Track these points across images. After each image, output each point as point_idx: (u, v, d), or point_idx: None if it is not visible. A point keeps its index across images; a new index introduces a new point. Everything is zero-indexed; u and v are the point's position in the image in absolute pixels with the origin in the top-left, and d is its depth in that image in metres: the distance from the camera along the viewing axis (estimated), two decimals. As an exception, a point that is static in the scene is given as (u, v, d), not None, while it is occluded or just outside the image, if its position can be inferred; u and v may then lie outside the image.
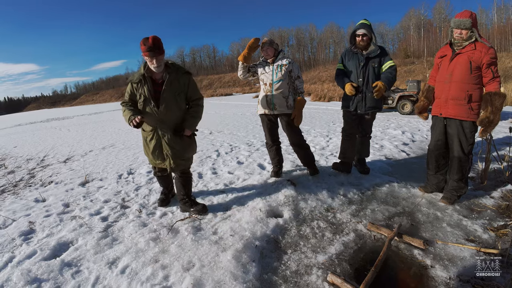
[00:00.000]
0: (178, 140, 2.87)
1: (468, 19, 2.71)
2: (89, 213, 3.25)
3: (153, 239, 2.58)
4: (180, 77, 2.81)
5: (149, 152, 2.96)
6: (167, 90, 2.74)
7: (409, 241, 2.39)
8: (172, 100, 2.78)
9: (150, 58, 2.61)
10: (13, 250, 2.61)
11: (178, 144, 2.87)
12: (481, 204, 2.96)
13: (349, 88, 3.41)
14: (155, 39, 2.57)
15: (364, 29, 3.35)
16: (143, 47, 2.57)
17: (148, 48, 2.55)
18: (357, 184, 3.59)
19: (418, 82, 11.31)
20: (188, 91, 2.89)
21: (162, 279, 2.09)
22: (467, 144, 2.91)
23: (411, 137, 6.25)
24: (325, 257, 2.27)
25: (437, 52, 3.09)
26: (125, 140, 8.46)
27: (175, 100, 2.80)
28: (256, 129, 8.55)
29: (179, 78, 2.81)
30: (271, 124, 3.66)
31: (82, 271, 2.25)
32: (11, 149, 9.11)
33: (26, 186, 4.62)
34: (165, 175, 3.31)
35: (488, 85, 2.74)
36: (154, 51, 2.57)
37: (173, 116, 2.83)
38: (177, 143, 2.87)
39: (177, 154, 2.90)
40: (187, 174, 3.14)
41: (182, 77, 2.83)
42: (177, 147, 2.87)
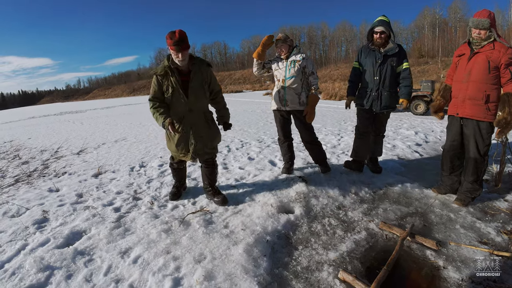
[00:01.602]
0: (206, 129, 2.96)
1: (487, 19, 2.64)
2: (102, 203, 3.30)
3: (165, 231, 2.60)
4: (203, 69, 2.90)
5: (173, 144, 2.97)
6: (195, 79, 2.82)
7: (422, 241, 2.36)
8: (199, 90, 2.86)
9: (176, 52, 2.64)
10: (26, 238, 2.65)
11: (206, 133, 2.95)
12: (495, 207, 2.91)
13: (348, 102, 3.73)
14: (181, 34, 2.61)
15: (382, 27, 3.28)
16: (170, 41, 2.60)
17: (175, 42, 2.58)
18: (369, 183, 3.56)
19: (432, 82, 11.13)
20: (211, 83, 2.99)
21: (173, 270, 2.12)
22: (483, 145, 2.85)
23: (425, 137, 6.15)
24: (336, 254, 2.26)
25: (456, 51, 3.04)
26: (136, 134, 8.55)
27: (202, 89, 2.88)
28: (266, 126, 8.54)
29: (203, 70, 2.89)
30: (284, 120, 3.66)
31: (95, 260, 2.29)
32: (25, 140, 9.30)
33: (40, 176, 4.71)
34: (181, 168, 3.34)
35: (506, 85, 2.68)
36: (180, 45, 2.61)
37: (200, 104, 2.92)
38: (205, 132, 2.95)
39: (205, 143, 2.96)
40: (213, 163, 3.20)
41: (205, 69, 2.91)
42: (204, 136, 2.94)
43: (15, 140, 9.54)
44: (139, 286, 2.00)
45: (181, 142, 2.91)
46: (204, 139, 2.94)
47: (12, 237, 2.68)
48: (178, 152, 2.98)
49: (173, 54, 2.69)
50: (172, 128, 2.66)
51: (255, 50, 3.44)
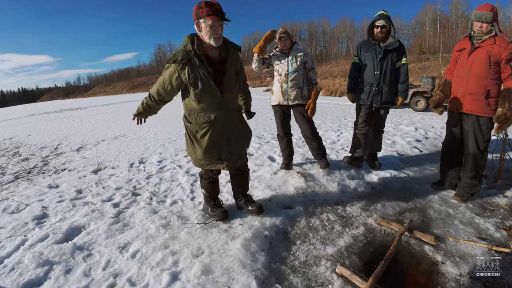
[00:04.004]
0: (240, 129, 2.46)
1: (490, 13, 2.62)
2: (101, 199, 3.30)
3: (163, 226, 2.61)
4: (235, 55, 2.34)
5: (198, 151, 2.36)
6: (230, 70, 2.27)
7: (420, 236, 2.36)
8: (235, 83, 2.34)
9: (215, 22, 2.06)
10: (26, 233, 2.66)
11: (241, 134, 2.47)
12: (494, 202, 2.90)
13: (350, 98, 3.73)
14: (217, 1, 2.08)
15: (383, 20, 3.28)
16: (206, 10, 2.01)
17: (216, 11, 2.02)
18: (368, 179, 3.56)
19: (433, 79, 11.12)
20: (241, 71, 2.45)
21: (171, 264, 2.12)
22: (483, 140, 2.84)
23: (424, 134, 6.14)
24: (334, 249, 2.26)
25: (456, 45, 3.01)
26: (136, 130, 8.55)
27: (237, 81, 2.37)
28: (266, 122, 8.53)
29: (234, 56, 2.33)
30: (284, 116, 3.66)
31: (94, 255, 2.29)
32: (25, 137, 9.32)
33: (39, 173, 4.72)
34: (216, 179, 2.72)
35: (506, 81, 2.66)
36: (221, 15, 2.06)
37: (235, 100, 2.43)
38: (240, 132, 2.46)
39: (242, 146, 2.50)
40: (245, 169, 2.73)
41: (236, 55, 2.37)
42: (240, 138, 2.47)
43: (15, 137, 9.55)
44: (137, 280, 2.01)
45: (212, 149, 2.34)
46: (241, 142, 2.47)
47: (11, 232, 2.68)
48: (207, 159, 2.38)
49: (210, 27, 2.07)
50: (139, 121, 2.39)
51: (256, 45, 3.45)
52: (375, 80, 3.43)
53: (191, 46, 2.12)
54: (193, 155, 2.42)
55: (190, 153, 2.46)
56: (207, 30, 2.08)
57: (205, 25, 2.07)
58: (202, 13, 2.03)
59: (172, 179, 3.87)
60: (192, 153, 2.42)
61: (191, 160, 2.51)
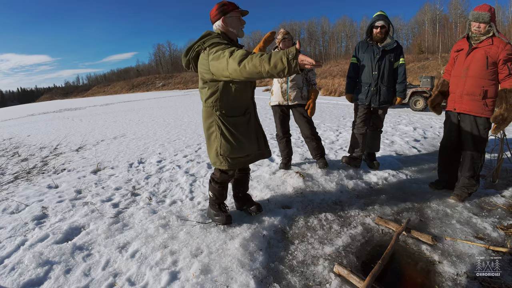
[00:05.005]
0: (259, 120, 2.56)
1: (487, 13, 2.64)
2: (100, 199, 3.32)
3: (162, 226, 2.62)
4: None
5: (242, 144, 2.31)
6: None
7: (418, 236, 2.37)
8: None
9: (241, 18, 2.22)
10: (26, 233, 2.68)
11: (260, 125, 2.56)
12: (492, 202, 2.92)
13: (349, 98, 3.76)
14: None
15: (383, 21, 3.33)
16: (231, 5, 2.16)
17: (237, 6, 2.19)
18: (366, 178, 3.58)
19: (432, 78, 11.13)
20: None
21: (170, 264, 2.13)
22: (480, 140, 2.86)
23: (423, 133, 6.16)
24: (332, 248, 2.27)
25: (454, 46, 3.03)
26: (135, 130, 8.56)
27: None
28: (265, 122, 8.53)
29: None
30: (284, 116, 3.70)
31: (93, 255, 2.30)
32: (25, 137, 9.31)
33: (39, 173, 4.73)
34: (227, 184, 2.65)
35: (504, 81, 2.68)
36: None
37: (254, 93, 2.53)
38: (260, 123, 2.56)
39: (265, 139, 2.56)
40: (248, 168, 2.79)
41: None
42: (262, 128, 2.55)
43: (14, 138, 9.55)
44: (136, 280, 2.02)
45: (254, 141, 2.38)
46: (263, 131, 2.53)
47: (11, 233, 2.70)
48: (246, 153, 2.36)
49: (239, 21, 2.20)
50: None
51: (256, 46, 3.46)
52: (373, 80, 3.45)
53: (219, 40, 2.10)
54: (233, 153, 2.28)
55: (224, 151, 2.26)
56: (236, 23, 2.19)
57: (234, 18, 2.18)
58: (228, 8, 2.15)
59: (171, 179, 3.89)
60: (231, 152, 2.27)
61: (223, 163, 2.31)
